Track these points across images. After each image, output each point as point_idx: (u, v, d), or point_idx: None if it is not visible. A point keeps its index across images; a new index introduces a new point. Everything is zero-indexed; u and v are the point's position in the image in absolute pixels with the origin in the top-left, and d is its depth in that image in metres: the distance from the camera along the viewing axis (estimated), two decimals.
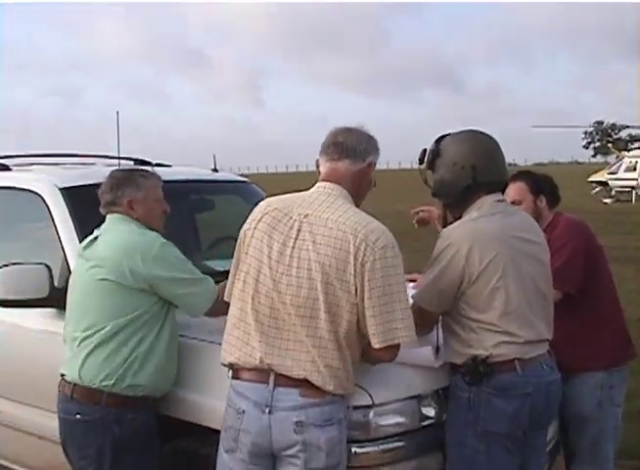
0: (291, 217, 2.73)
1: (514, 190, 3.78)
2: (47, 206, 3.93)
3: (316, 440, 2.62)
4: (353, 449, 2.83)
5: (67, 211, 3.87)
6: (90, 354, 3.07)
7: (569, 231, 3.69)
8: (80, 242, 3.61)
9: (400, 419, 2.93)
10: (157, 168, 5.13)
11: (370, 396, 2.85)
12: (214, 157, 5.16)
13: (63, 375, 3.17)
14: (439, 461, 3.05)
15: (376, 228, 2.67)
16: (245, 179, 5.26)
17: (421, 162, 3.21)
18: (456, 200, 3.10)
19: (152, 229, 3.26)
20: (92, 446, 3.06)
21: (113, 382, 3.03)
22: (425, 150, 3.19)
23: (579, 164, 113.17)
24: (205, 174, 5.04)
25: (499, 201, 3.10)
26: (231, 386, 2.76)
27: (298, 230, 2.70)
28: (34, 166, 4.68)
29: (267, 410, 2.64)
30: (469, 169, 3.02)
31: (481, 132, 3.13)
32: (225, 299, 2.88)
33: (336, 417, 2.66)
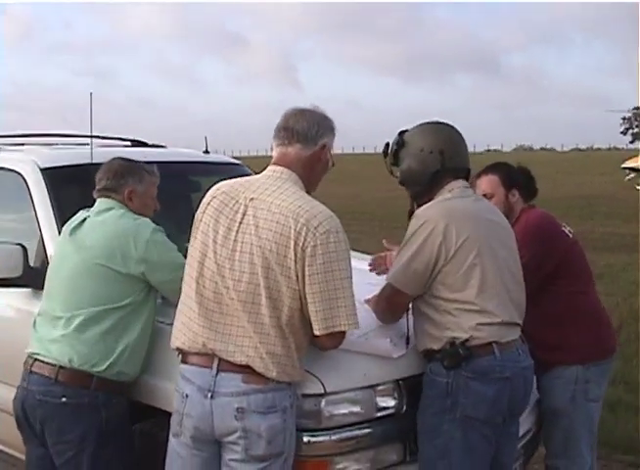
0: (237, 201, 2.71)
1: (486, 182, 3.72)
2: (27, 186, 3.94)
3: (256, 427, 2.60)
4: (305, 438, 2.80)
5: (46, 191, 3.88)
6: (80, 337, 3.03)
7: (525, 234, 3.58)
8: (59, 223, 3.64)
9: (354, 408, 2.88)
10: (149, 149, 5.19)
11: (322, 383, 2.81)
12: (206, 139, 5.16)
13: (35, 355, 3.12)
14: (399, 453, 3.01)
15: (319, 213, 2.63)
16: (235, 161, 5.26)
17: (385, 154, 3.20)
18: (424, 187, 3.08)
19: None
20: (76, 430, 3.04)
21: (104, 367, 3.02)
22: (388, 143, 3.19)
23: (618, 150, 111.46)
24: (196, 156, 5.05)
25: (466, 188, 3.11)
26: (179, 370, 2.76)
27: (244, 214, 2.67)
28: (25, 146, 4.70)
29: (209, 395, 2.63)
30: (437, 154, 3.04)
31: (445, 122, 3.16)
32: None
33: (280, 405, 2.64)
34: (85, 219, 3.22)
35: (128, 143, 5.35)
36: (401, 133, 3.18)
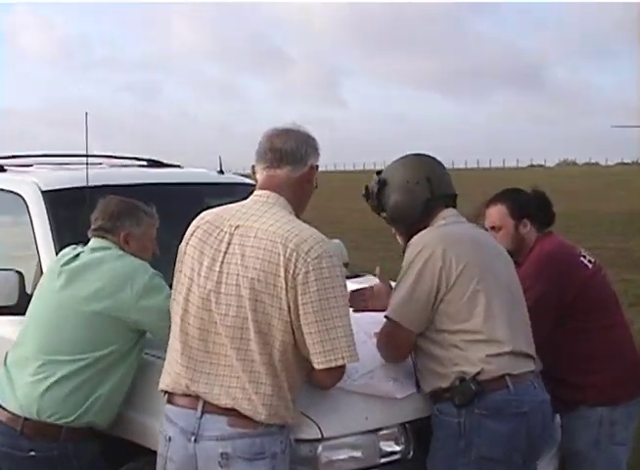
0: (222, 230, 2.52)
1: (493, 214, 3.48)
2: (28, 208, 3.81)
3: None
4: None
5: (45, 214, 3.74)
6: (53, 386, 2.81)
7: (538, 268, 3.33)
8: (57, 248, 3.48)
9: (355, 454, 2.66)
10: (163, 169, 5.03)
11: (319, 428, 2.59)
12: (220, 158, 5.00)
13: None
14: None
15: (310, 237, 2.42)
16: (249, 181, 5.08)
17: (367, 198, 3.04)
18: (416, 219, 2.91)
19: None
20: None
21: (72, 419, 2.82)
22: (367, 186, 3.03)
23: None
24: (210, 177, 4.89)
25: (458, 215, 2.95)
26: (164, 410, 2.56)
27: (229, 243, 2.48)
28: (32, 168, 4.57)
29: (193, 438, 2.43)
30: (424, 183, 2.89)
31: (420, 153, 3.03)
32: None
33: (269, 451, 2.42)
34: (78, 255, 3.02)
35: (144, 163, 5.23)
36: (378, 173, 3.04)
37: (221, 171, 4.95)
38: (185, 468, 2.45)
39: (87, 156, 3.87)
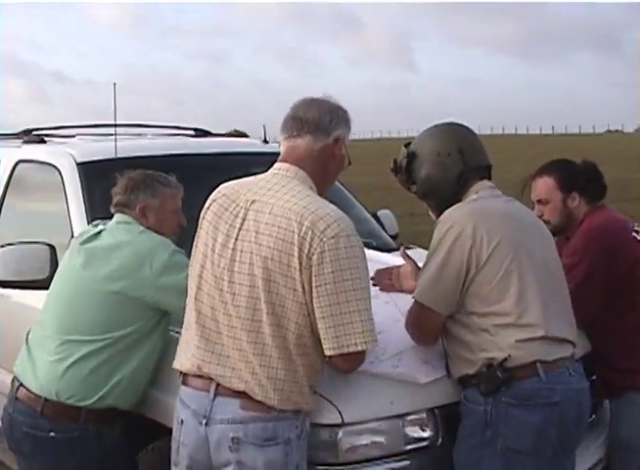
0: (238, 205, 2.39)
1: (540, 187, 3.25)
2: (63, 180, 3.76)
3: (252, 461, 2.28)
4: None
5: (80, 186, 3.69)
6: (71, 367, 2.74)
7: (585, 244, 3.11)
8: (90, 221, 3.42)
9: (379, 440, 2.52)
10: (208, 139, 4.95)
11: (340, 412, 2.46)
12: (264, 127, 4.87)
13: (21, 379, 2.86)
14: None
15: (327, 215, 2.27)
16: None
17: (396, 172, 2.85)
18: (449, 193, 2.72)
19: None
20: (70, 463, 2.79)
21: (93, 401, 2.75)
22: (395, 160, 2.84)
23: None
24: (255, 146, 4.79)
25: (493, 188, 2.74)
26: (179, 393, 2.47)
27: (243, 219, 2.35)
28: (74, 139, 4.54)
29: (204, 421, 2.33)
30: (456, 155, 2.70)
31: (452, 122, 2.84)
32: None
33: (282, 436, 2.30)
34: (100, 233, 2.93)
35: (192, 132, 5.17)
36: (407, 146, 2.86)
37: (265, 141, 4.84)
38: (197, 452, 2.35)
39: (116, 125, 3.79)
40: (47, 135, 4.46)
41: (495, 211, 2.62)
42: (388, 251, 4.14)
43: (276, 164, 2.48)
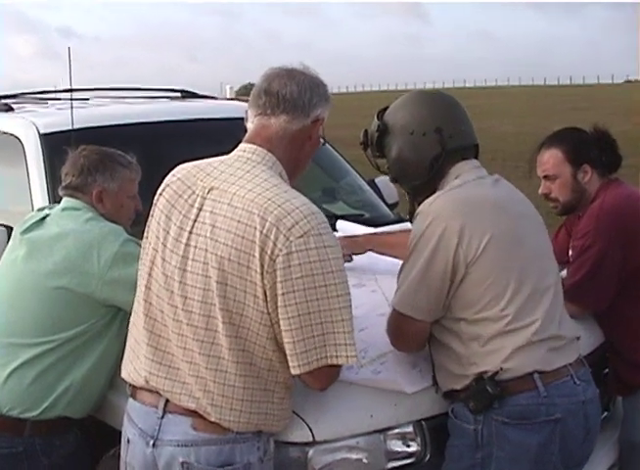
0: (194, 192, 2.05)
1: (547, 160, 2.88)
2: (25, 154, 3.44)
3: None
4: None
5: (42, 160, 3.37)
6: (13, 374, 2.43)
7: (597, 225, 2.76)
8: (52, 200, 3.11)
9: (357, 457, 2.21)
10: (194, 102, 4.62)
11: (310, 429, 2.15)
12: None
13: None
14: None
15: (295, 209, 1.93)
16: None
17: (365, 146, 2.47)
18: (424, 178, 2.35)
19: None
20: None
21: (39, 412, 2.44)
22: (366, 131, 2.46)
23: None
24: (240, 110, 4.43)
25: (477, 167, 2.37)
26: (127, 407, 2.17)
27: (199, 209, 2.02)
28: (45, 105, 4.20)
29: (151, 443, 2.03)
30: (433, 135, 2.31)
31: (434, 91, 2.47)
32: None
33: (241, 461, 1.99)
34: (45, 219, 2.60)
35: (178, 94, 4.83)
36: (380, 114, 2.47)
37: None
38: None
39: (72, 90, 3.45)
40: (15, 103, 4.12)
41: (484, 201, 2.26)
42: (385, 224, 3.81)
43: (241, 145, 2.13)
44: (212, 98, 5.04)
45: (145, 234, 2.16)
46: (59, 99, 4.29)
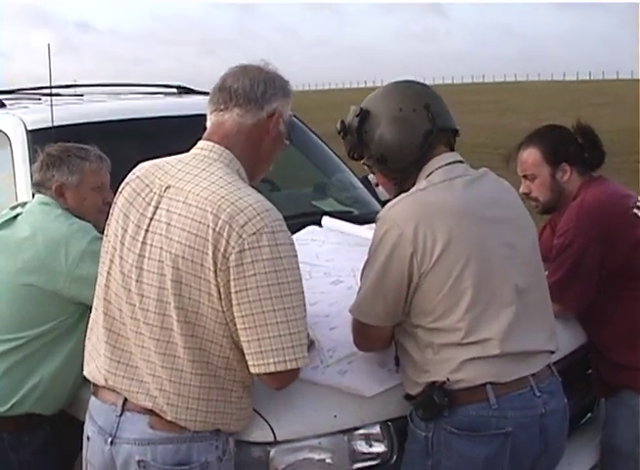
0: (151, 190, 2.05)
1: (525, 160, 2.84)
2: (12, 150, 3.46)
3: None
4: None
5: (28, 157, 3.37)
6: None
7: (577, 223, 2.71)
8: None
9: (320, 458, 2.20)
10: (195, 97, 4.62)
11: (271, 428, 2.15)
12: None
13: None
14: None
15: (249, 206, 1.92)
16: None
17: (344, 133, 2.37)
18: (414, 157, 2.26)
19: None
20: None
21: (7, 408, 2.46)
22: (342, 121, 2.38)
23: None
24: None
25: (452, 163, 2.26)
26: (89, 405, 2.18)
27: (156, 207, 2.02)
28: (39, 101, 4.21)
29: (109, 440, 2.03)
30: (423, 111, 2.25)
31: (409, 80, 2.39)
32: None
33: (198, 460, 1.98)
34: (17, 217, 2.62)
35: (174, 90, 4.83)
36: (359, 108, 2.37)
37: None
38: None
39: (51, 87, 3.45)
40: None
41: (446, 205, 2.16)
42: (374, 221, 3.79)
43: (199, 143, 2.13)
44: (209, 94, 5.04)
45: (105, 232, 2.17)
46: (57, 95, 4.32)
